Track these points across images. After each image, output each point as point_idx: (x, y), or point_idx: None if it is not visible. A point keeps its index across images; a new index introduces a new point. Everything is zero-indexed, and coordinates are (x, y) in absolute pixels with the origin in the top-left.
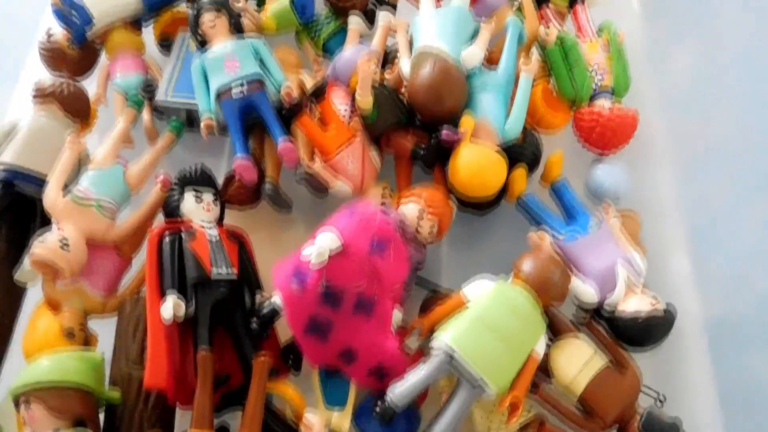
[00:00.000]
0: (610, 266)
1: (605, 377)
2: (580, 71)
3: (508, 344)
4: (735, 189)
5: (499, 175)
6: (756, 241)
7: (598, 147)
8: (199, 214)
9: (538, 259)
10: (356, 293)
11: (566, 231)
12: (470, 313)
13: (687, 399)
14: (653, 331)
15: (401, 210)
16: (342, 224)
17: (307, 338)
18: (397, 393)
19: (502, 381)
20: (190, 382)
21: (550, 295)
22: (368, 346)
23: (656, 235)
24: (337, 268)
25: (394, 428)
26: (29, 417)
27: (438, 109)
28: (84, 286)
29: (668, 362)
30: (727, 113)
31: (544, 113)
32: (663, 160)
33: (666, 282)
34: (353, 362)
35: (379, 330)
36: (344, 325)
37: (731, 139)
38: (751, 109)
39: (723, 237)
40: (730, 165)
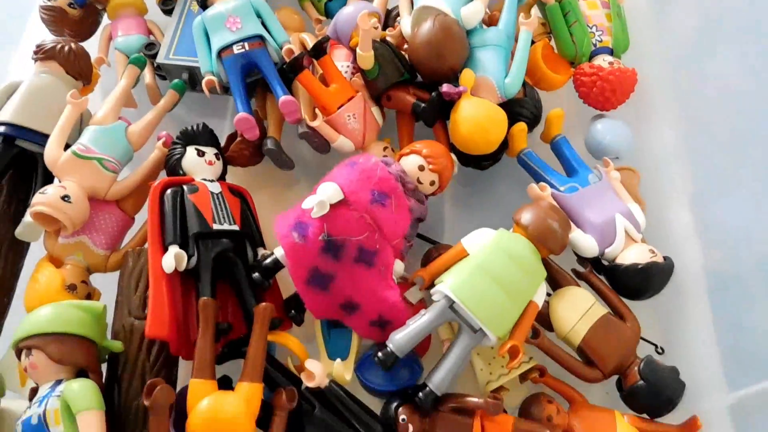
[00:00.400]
0: (609, 218)
1: (605, 325)
2: (580, 29)
3: (508, 292)
4: (735, 143)
5: (499, 129)
6: (756, 194)
7: (597, 104)
8: (201, 168)
9: (538, 209)
10: (357, 244)
11: (566, 184)
12: (471, 261)
13: (687, 350)
14: (652, 279)
15: (402, 163)
16: (343, 176)
17: (309, 289)
18: (398, 339)
19: (502, 328)
20: (192, 336)
21: (550, 245)
22: (370, 297)
23: (657, 190)
24: (339, 218)
25: (396, 377)
26: (31, 365)
27: (439, 66)
28: (86, 241)
29: (668, 315)
30: (726, 68)
31: (545, 71)
32: (663, 116)
33: (667, 235)
34: (355, 313)
35: (381, 281)
36: (346, 276)
37: (731, 93)
38: (750, 63)
39: (724, 191)
40: (729, 119)
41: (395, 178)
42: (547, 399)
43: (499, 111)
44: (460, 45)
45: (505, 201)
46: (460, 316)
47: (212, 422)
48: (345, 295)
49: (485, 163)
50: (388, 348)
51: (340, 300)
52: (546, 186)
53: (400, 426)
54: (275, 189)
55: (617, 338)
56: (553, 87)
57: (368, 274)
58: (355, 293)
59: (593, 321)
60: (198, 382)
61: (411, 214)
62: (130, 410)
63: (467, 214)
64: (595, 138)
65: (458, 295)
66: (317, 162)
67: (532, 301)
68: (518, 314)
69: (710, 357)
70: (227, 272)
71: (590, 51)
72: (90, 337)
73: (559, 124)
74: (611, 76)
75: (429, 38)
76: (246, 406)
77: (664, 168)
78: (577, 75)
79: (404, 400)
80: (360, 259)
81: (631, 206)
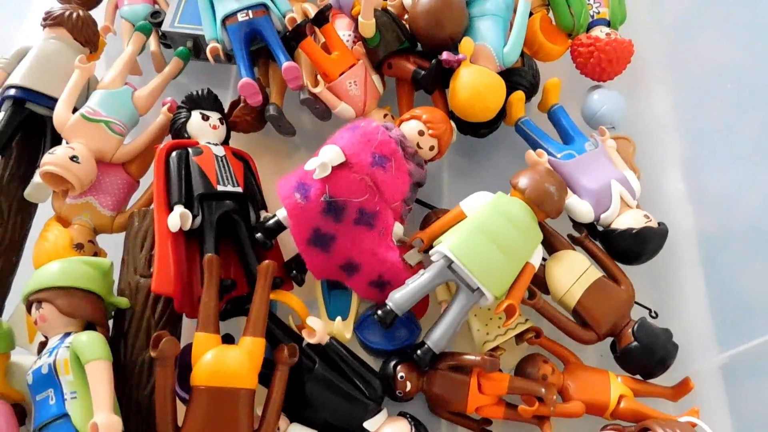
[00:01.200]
0: (605, 184)
1: (600, 288)
2: (578, 1)
3: (506, 252)
4: (727, 112)
5: (497, 96)
6: (747, 161)
7: (594, 74)
8: (205, 132)
9: (535, 173)
10: (358, 205)
11: (563, 152)
12: (469, 222)
13: (680, 314)
14: (646, 244)
15: (402, 128)
16: (345, 139)
17: (311, 250)
18: (397, 298)
19: (498, 287)
20: (196, 294)
21: (546, 208)
22: (369, 258)
23: (651, 158)
24: (340, 180)
25: (394, 337)
26: (41, 318)
27: (438, 34)
28: (93, 202)
29: (662, 279)
30: (719, 39)
31: (543, 42)
32: (658, 86)
33: (661, 201)
34: (355, 274)
35: (380, 242)
36: (346, 237)
37: (723, 64)
38: (742, 34)
39: (717, 158)
40: (722, 89)
41: (396, 142)
42: (543, 359)
43: (498, 78)
44: (459, 13)
45: (503, 168)
46: (458, 276)
47: (216, 374)
48: (346, 255)
49: (483, 131)
50: (387, 306)
51: (341, 261)
52: (543, 153)
53: (399, 383)
54: (277, 156)
55: (611, 301)
56: (551, 57)
57: (368, 236)
58: (356, 254)
59: (588, 284)
60: (203, 335)
61: (410, 177)
62: (135, 364)
63: (466, 182)
64: (592, 107)
65: (457, 254)
66: (318, 129)
67: (528, 262)
68: (515, 275)
69: (702, 319)
70: (231, 233)
71: (587, 22)
72: (97, 291)
73: (556, 94)
74: (608, 47)
75: (429, 7)
76: (249, 359)
77: (659, 137)
78: (575, 46)
79: (403, 358)
80: (360, 220)
81: (626, 173)
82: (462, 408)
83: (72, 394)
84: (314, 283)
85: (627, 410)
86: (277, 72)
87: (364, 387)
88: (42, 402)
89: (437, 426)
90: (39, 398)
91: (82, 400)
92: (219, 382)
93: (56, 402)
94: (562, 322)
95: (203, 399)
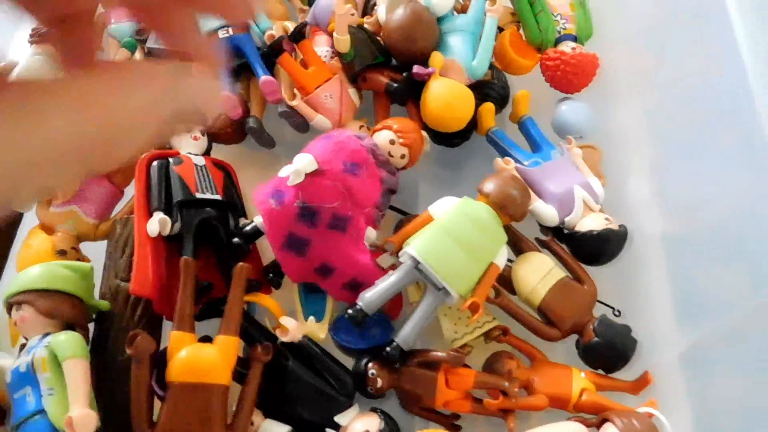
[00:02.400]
0: (569, 189)
1: (564, 287)
2: (546, 17)
3: (470, 253)
4: (692, 120)
5: (466, 107)
6: (711, 165)
7: (562, 87)
8: (186, 143)
9: (499, 178)
10: (331, 211)
11: (530, 159)
12: (435, 224)
13: (643, 312)
14: (607, 245)
15: (375, 137)
16: (318, 148)
17: (286, 254)
18: (367, 297)
19: (463, 286)
20: (175, 298)
21: (510, 211)
22: (343, 261)
23: (619, 165)
24: (313, 186)
25: (367, 336)
26: (20, 319)
27: (410, 49)
28: (77, 210)
29: (627, 279)
30: (682, 49)
31: (513, 57)
32: (625, 97)
33: (626, 206)
34: (329, 276)
35: (354, 246)
36: (321, 242)
37: (689, 72)
38: (705, 43)
39: (683, 164)
40: (686, 97)
41: (367, 150)
42: (509, 355)
43: (466, 90)
44: (429, 29)
45: (475, 176)
46: (425, 276)
47: (190, 370)
48: (321, 259)
49: (455, 141)
50: (357, 305)
51: (316, 264)
52: (510, 160)
53: (370, 379)
54: (257, 167)
55: (574, 299)
56: (521, 71)
57: (342, 239)
58: (330, 258)
59: (552, 283)
60: (178, 334)
61: (382, 184)
62: (115, 364)
63: (439, 189)
64: (560, 118)
65: (422, 255)
66: (297, 142)
67: (493, 263)
68: (479, 274)
69: (663, 317)
70: (211, 239)
71: (555, 38)
72: (77, 294)
73: (526, 105)
74: (573, 60)
75: (401, 23)
76: (222, 355)
77: (625, 145)
78: (543, 60)
79: (374, 356)
80: (334, 225)
81: (590, 179)
82: (431, 403)
83: (49, 391)
84: (292, 287)
85: (588, 403)
86: (257, 85)
87: (336, 383)
88: (20, 400)
89: (410, 421)
90: (17, 396)
91: (59, 397)
92: (193, 377)
93: (34, 399)
94: (528, 319)
95: (177, 394)
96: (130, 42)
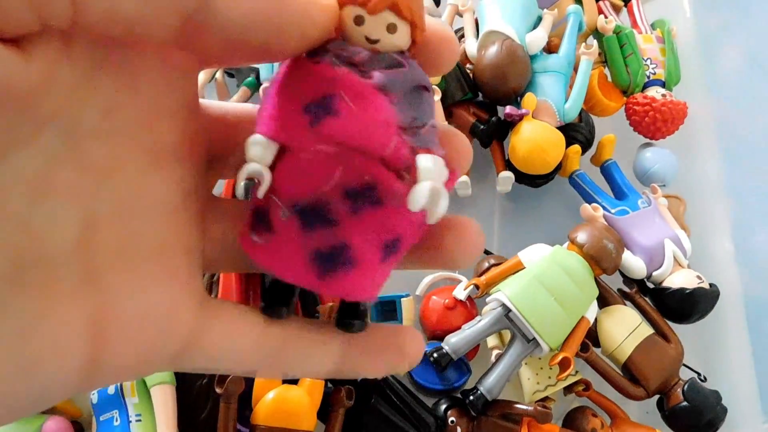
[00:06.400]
0: (658, 242)
1: (651, 345)
2: (635, 60)
3: (563, 305)
4: None
5: (558, 151)
6: None
7: (648, 133)
8: None
9: (594, 230)
10: (339, 190)
11: (617, 207)
12: (528, 272)
13: (724, 377)
14: (698, 304)
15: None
16: (262, 118)
17: (329, 279)
18: (453, 342)
19: (554, 339)
20: None
21: (604, 264)
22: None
23: (699, 218)
24: (289, 175)
25: (445, 378)
26: None
27: (502, 87)
28: None
29: (707, 341)
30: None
31: (600, 98)
32: (709, 149)
33: (708, 263)
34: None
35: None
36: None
37: None
38: None
39: (764, 222)
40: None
41: (328, 65)
42: (592, 413)
43: (558, 134)
44: (523, 68)
45: (553, 217)
46: (515, 325)
47: (278, 414)
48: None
49: (539, 182)
50: (443, 349)
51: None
52: (599, 207)
53: (449, 428)
54: None
55: (662, 358)
56: (606, 113)
57: (390, 216)
58: (390, 234)
59: (640, 340)
60: None
61: (386, 91)
62: (193, 388)
63: (516, 227)
64: (644, 165)
65: (515, 303)
66: None
67: (584, 316)
68: (570, 327)
69: (747, 385)
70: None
71: (644, 82)
72: None
73: (611, 149)
74: (664, 108)
75: (496, 61)
76: (309, 399)
77: (706, 198)
78: (630, 104)
79: (452, 401)
80: (358, 207)
81: (678, 232)
82: None
83: (137, 417)
84: None
85: None
86: None
87: (418, 423)
88: (106, 422)
89: None
90: (103, 418)
91: (146, 423)
92: (280, 422)
93: (121, 423)
94: (613, 376)
95: None
96: (251, 81)
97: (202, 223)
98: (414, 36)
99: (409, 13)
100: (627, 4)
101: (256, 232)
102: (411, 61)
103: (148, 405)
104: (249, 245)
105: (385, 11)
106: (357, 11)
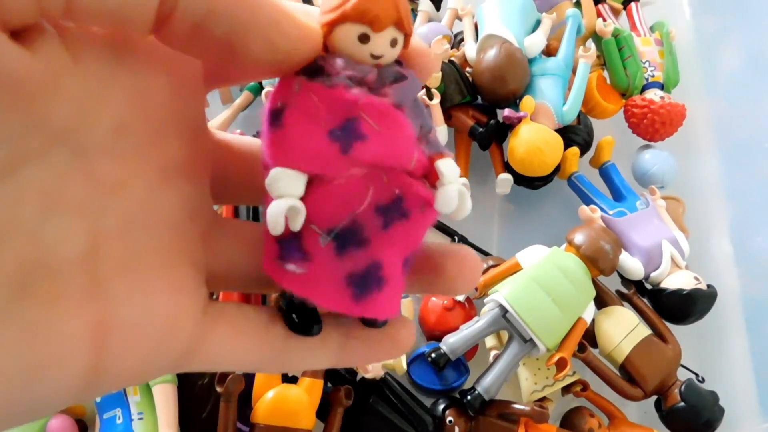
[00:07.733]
0: (655, 243)
1: (648, 346)
2: (634, 63)
3: (560, 306)
4: None
5: (556, 154)
6: None
7: (647, 135)
8: None
9: (591, 231)
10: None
11: (615, 209)
12: (525, 273)
13: (722, 377)
14: (696, 305)
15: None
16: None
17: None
18: (451, 342)
19: (551, 339)
20: None
21: (601, 265)
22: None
23: (698, 219)
24: (325, 203)
25: (443, 377)
26: None
27: (501, 90)
28: None
29: (705, 341)
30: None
31: (599, 101)
32: (707, 150)
33: (707, 264)
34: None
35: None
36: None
37: None
38: None
39: (763, 223)
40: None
41: (343, 87)
42: (590, 413)
43: (556, 137)
44: (521, 72)
45: (551, 219)
46: (512, 326)
47: (277, 413)
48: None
49: (537, 183)
50: (441, 349)
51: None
52: (596, 209)
53: (447, 427)
54: None
55: (659, 359)
56: (604, 116)
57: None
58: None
59: (637, 341)
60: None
61: (400, 106)
62: (194, 387)
63: (514, 229)
64: (643, 166)
65: (512, 304)
66: None
67: (581, 317)
68: (567, 328)
69: (745, 386)
70: None
71: (642, 84)
72: None
73: (610, 151)
74: (663, 110)
75: (495, 64)
76: (308, 398)
77: (705, 199)
78: (629, 106)
79: (451, 402)
80: (388, 222)
81: (676, 234)
82: None
83: (139, 415)
84: None
85: None
86: None
87: (417, 423)
88: (109, 421)
89: None
90: (106, 417)
91: (148, 421)
92: (279, 421)
93: (123, 422)
94: (610, 377)
95: None
96: (254, 86)
97: (207, 240)
98: (405, 44)
99: (408, 26)
100: (626, 7)
101: (290, 262)
102: (409, 71)
103: (150, 403)
104: (281, 275)
105: (390, 27)
106: (362, 30)
